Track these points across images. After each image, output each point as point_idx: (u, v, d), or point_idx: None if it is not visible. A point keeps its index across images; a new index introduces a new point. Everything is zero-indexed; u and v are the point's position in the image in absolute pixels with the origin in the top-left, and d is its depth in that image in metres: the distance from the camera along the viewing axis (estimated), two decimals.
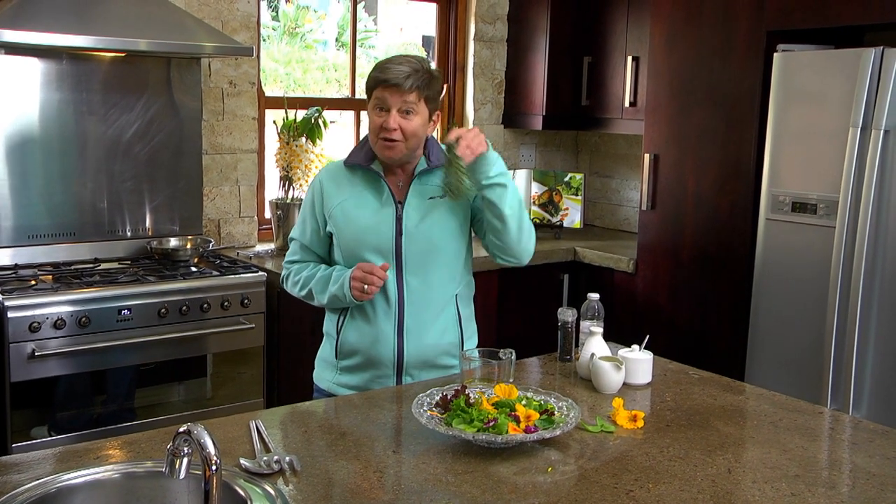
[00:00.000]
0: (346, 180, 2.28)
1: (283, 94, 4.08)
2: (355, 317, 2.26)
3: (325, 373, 2.35)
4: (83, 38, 2.98)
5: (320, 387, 2.35)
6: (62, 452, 1.71)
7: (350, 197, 2.25)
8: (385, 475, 1.64)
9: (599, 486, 1.61)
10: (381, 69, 2.19)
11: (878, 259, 2.94)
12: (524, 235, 2.24)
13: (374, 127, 2.20)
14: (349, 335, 2.26)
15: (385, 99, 2.16)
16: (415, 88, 2.15)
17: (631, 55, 4.09)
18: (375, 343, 2.24)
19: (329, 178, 2.31)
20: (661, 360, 2.36)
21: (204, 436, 1.29)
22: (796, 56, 3.17)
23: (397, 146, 2.18)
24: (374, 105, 2.20)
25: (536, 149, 4.84)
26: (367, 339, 2.24)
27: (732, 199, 3.45)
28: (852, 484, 1.67)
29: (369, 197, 2.25)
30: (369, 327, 2.24)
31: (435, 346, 2.26)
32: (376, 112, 2.19)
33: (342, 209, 2.25)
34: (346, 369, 2.29)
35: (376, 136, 2.19)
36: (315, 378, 2.39)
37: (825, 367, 3.06)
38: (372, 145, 2.23)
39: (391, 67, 2.17)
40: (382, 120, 2.17)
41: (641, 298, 3.83)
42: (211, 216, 3.79)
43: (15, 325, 2.79)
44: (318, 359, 2.40)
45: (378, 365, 2.25)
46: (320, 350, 2.40)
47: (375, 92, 2.19)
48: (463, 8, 4.53)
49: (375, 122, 2.19)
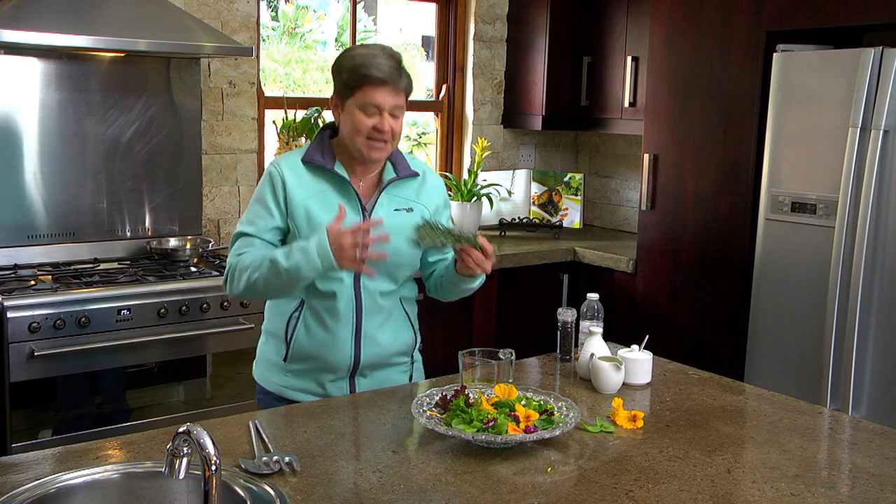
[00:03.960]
0: (308, 178, 2.14)
1: (282, 94, 4.08)
2: (309, 323, 2.16)
3: (270, 374, 2.23)
4: (83, 38, 2.98)
5: (266, 388, 2.24)
6: (61, 453, 1.71)
7: (313, 196, 2.13)
8: (385, 475, 1.64)
9: (599, 487, 1.61)
10: (369, 65, 2.06)
11: (877, 259, 2.94)
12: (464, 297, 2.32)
13: (362, 127, 2.07)
14: (302, 341, 2.16)
15: (377, 100, 2.06)
16: (405, 88, 2.11)
17: (630, 55, 4.09)
18: (332, 349, 2.16)
19: (290, 172, 2.14)
20: (660, 360, 2.36)
21: (203, 436, 1.29)
22: (796, 56, 3.17)
23: (386, 147, 2.12)
24: (360, 104, 2.07)
25: (536, 149, 4.84)
26: (322, 346, 2.16)
27: (732, 199, 3.45)
28: (852, 484, 1.67)
29: (334, 200, 2.13)
30: (326, 334, 2.15)
31: (389, 349, 2.23)
32: (364, 111, 2.07)
33: (305, 208, 2.11)
34: (295, 372, 2.20)
35: (363, 136, 2.09)
36: (258, 378, 2.27)
37: (825, 367, 3.06)
38: (353, 144, 2.11)
39: (381, 64, 2.06)
40: (374, 121, 2.07)
41: (641, 298, 3.83)
42: (210, 216, 3.79)
43: (14, 326, 2.79)
44: (262, 358, 2.28)
45: (333, 369, 2.18)
46: (262, 348, 2.28)
47: (365, 91, 2.06)
48: (462, 8, 4.53)
49: (365, 123, 2.07)
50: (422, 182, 2.26)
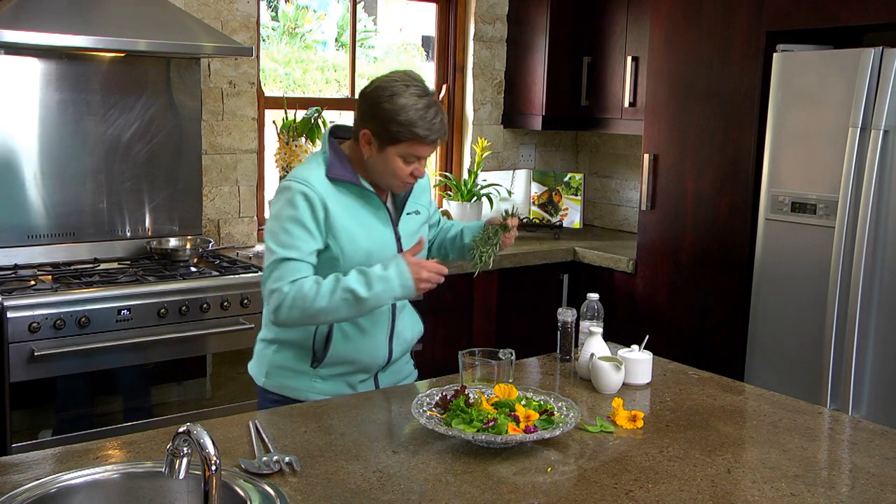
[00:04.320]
0: (338, 195, 2.14)
1: (282, 95, 4.08)
2: (345, 328, 2.17)
3: (294, 382, 2.22)
4: (83, 38, 2.98)
5: (289, 396, 2.20)
6: (62, 453, 1.71)
7: (347, 214, 2.14)
8: (385, 475, 1.64)
9: (599, 487, 1.61)
10: (423, 126, 2.07)
11: (877, 259, 2.94)
12: None
13: (401, 174, 2.11)
14: (339, 347, 2.18)
15: (422, 153, 2.11)
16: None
17: (630, 55, 4.09)
18: (369, 351, 2.21)
19: (326, 192, 2.12)
20: (660, 361, 2.36)
21: (203, 436, 1.29)
22: (796, 56, 3.17)
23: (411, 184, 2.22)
24: (404, 154, 2.09)
25: (536, 149, 4.84)
26: (359, 349, 2.20)
27: (732, 199, 3.45)
28: (852, 484, 1.67)
29: (367, 216, 2.17)
30: (364, 338, 2.20)
31: (410, 343, 2.35)
32: (405, 160, 2.10)
33: (346, 228, 2.13)
34: (326, 377, 2.21)
35: (398, 179, 2.13)
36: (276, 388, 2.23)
37: (825, 367, 3.06)
38: (382, 181, 2.16)
39: (432, 124, 2.08)
40: (412, 168, 2.12)
41: (641, 298, 3.83)
42: (210, 216, 3.79)
43: (14, 326, 2.79)
44: (277, 367, 2.24)
45: (367, 369, 2.24)
46: (274, 357, 2.24)
47: (412, 145, 2.08)
48: (462, 8, 4.53)
49: (404, 170, 2.11)
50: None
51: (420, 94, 2.08)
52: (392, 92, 2.08)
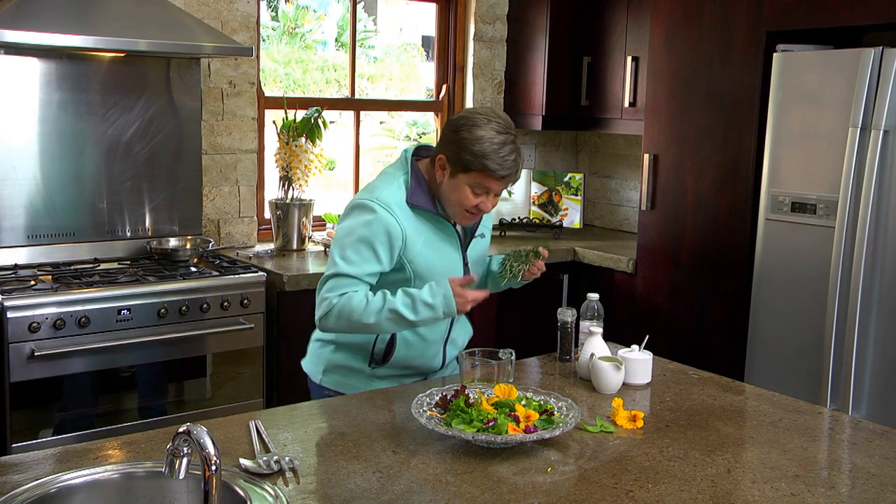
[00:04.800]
0: (417, 222, 2.21)
1: (282, 95, 4.08)
2: (408, 338, 2.26)
3: (352, 380, 2.29)
4: (83, 38, 2.98)
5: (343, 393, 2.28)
6: (62, 453, 1.71)
7: (423, 240, 2.21)
8: (385, 475, 1.64)
9: (599, 487, 1.61)
10: (496, 160, 2.11)
11: (877, 259, 2.94)
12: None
13: (467, 204, 2.17)
14: (401, 353, 2.26)
15: (491, 186, 2.16)
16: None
17: (630, 55, 4.09)
18: (426, 356, 2.31)
19: (405, 220, 2.18)
20: (660, 361, 2.36)
21: (203, 436, 1.29)
22: (796, 56, 3.17)
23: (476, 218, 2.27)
24: (473, 184, 2.15)
25: (536, 149, 4.84)
26: (418, 354, 2.29)
27: (732, 199, 3.45)
28: (852, 484, 1.67)
29: (440, 241, 2.25)
30: (424, 344, 2.29)
31: (463, 346, 2.42)
32: (473, 191, 2.16)
33: (422, 255, 2.21)
34: (384, 377, 2.30)
35: (462, 207, 2.18)
36: (334, 385, 2.31)
37: (825, 367, 3.06)
38: (449, 208, 2.21)
39: (505, 160, 2.12)
40: (479, 201, 2.17)
41: (641, 298, 3.83)
42: (210, 216, 3.79)
43: (14, 326, 2.79)
44: (335, 366, 2.31)
45: (422, 372, 2.34)
46: (332, 357, 2.32)
47: (483, 176, 2.13)
48: (462, 8, 4.53)
49: (471, 200, 2.16)
50: None
51: (499, 131, 2.14)
52: (473, 123, 2.14)
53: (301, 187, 3.79)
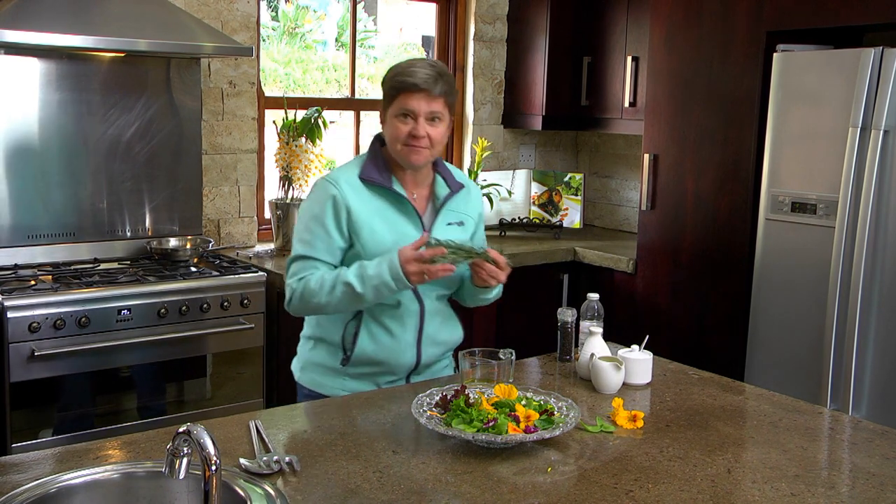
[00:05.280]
0: (368, 196, 2.18)
1: (282, 95, 4.08)
2: (372, 329, 2.20)
3: (325, 379, 2.26)
4: (83, 38, 2.98)
5: (321, 393, 2.25)
6: (62, 453, 1.71)
7: (376, 215, 2.17)
8: (385, 475, 1.64)
9: (599, 487, 1.61)
10: (405, 73, 2.12)
11: (877, 259, 2.94)
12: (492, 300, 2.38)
13: (399, 134, 2.13)
14: (366, 347, 2.20)
15: (411, 106, 2.11)
16: (442, 94, 2.14)
17: (630, 55, 4.09)
18: (396, 353, 2.22)
19: (351, 192, 2.16)
20: (660, 360, 2.36)
21: (203, 436, 1.29)
22: (796, 56, 3.17)
23: (424, 153, 2.16)
24: (397, 112, 2.13)
25: (536, 149, 4.84)
26: (387, 350, 2.21)
27: (732, 199, 3.45)
28: (852, 484, 1.67)
29: (396, 218, 2.20)
30: (391, 339, 2.21)
31: (445, 347, 2.33)
32: (400, 119, 2.13)
33: (370, 229, 2.16)
34: (354, 376, 2.24)
35: (401, 143, 2.14)
36: (307, 383, 2.30)
37: (825, 368, 3.06)
38: (394, 152, 2.17)
39: (417, 71, 2.11)
40: (410, 127, 2.12)
41: (641, 298, 3.83)
42: (210, 216, 3.79)
43: (15, 326, 2.79)
44: (311, 363, 2.30)
45: (395, 371, 2.25)
46: (310, 354, 2.31)
47: (400, 98, 2.12)
48: (463, 8, 4.53)
49: (401, 130, 2.12)
50: (467, 193, 2.34)
51: (418, 59, 2.18)
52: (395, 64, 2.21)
53: (301, 187, 3.79)
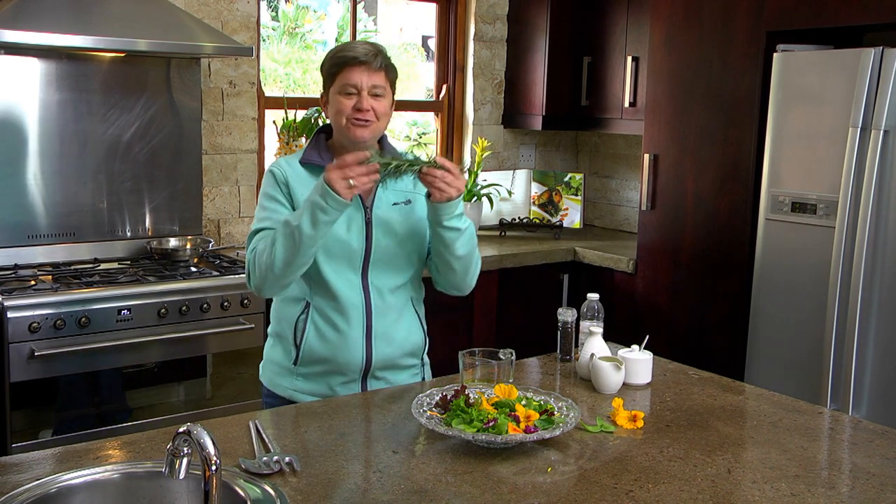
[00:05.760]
0: (308, 178, 2.15)
1: (282, 95, 4.08)
2: (318, 324, 2.15)
3: (280, 379, 2.22)
4: (83, 38, 2.98)
5: (275, 392, 2.23)
6: (62, 453, 1.71)
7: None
8: (385, 475, 1.64)
9: (599, 487, 1.61)
10: (344, 50, 2.14)
11: (878, 259, 2.94)
12: (469, 274, 2.23)
13: (343, 108, 2.11)
14: (313, 343, 2.15)
15: (354, 80, 2.09)
16: (383, 67, 2.13)
17: (630, 55, 4.09)
18: (343, 350, 2.15)
19: (291, 172, 2.17)
20: (660, 361, 2.36)
21: (203, 436, 1.29)
22: (796, 56, 3.17)
23: (371, 125, 2.12)
24: (339, 88, 2.12)
25: (536, 149, 4.84)
26: (333, 347, 2.15)
27: (732, 199, 3.45)
28: (852, 484, 1.67)
29: None
30: (336, 334, 2.14)
31: (401, 349, 2.23)
32: (344, 95, 2.11)
33: None
34: (305, 376, 2.19)
35: (346, 118, 2.11)
36: (266, 383, 2.26)
37: (825, 368, 3.06)
38: (340, 128, 2.15)
39: (356, 46, 2.14)
40: (353, 101, 2.10)
41: (641, 298, 3.83)
42: (211, 216, 3.79)
43: (15, 326, 2.79)
44: (269, 361, 2.26)
45: (344, 371, 2.17)
46: (269, 351, 2.27)
47: (342, 74, 2.11)
48: (463, 8, 4.53)
49: (345, 104, 2.10)
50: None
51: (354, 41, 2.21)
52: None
53: None
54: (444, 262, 2.18)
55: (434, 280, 2.29)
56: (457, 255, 2.15)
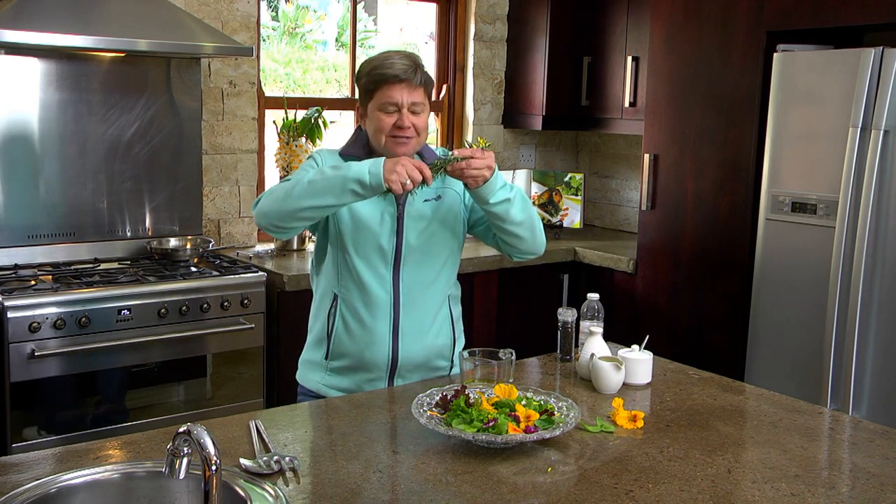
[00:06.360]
0: None
1: (282, 95, 4.08)
2: (347, 319, 2.18)
3: (311, 373, 2.26)
4: (83, 38, 2.98)
5: (306, 387, 2.26)
6: (62, 453, 1.71)
7: None
8: (385, 475, 1.64)
9: (599, 487, 1.61)
10: (383, 66, 2.10)
11: (878, 259, 2.94)
12: (537, 233, 2.20)
13: (383, 126, 2.11)
14: (342, 336, 2.18)
15: (394, 97, 2.09)
16: (422, 84, 2.12)
17: (631, 55, 4.09)
18: (370, 345, 2.17)
19: (332, 161, 2.18)
20: (660, 360, 2.36)
21: (204, 436, 1.29)
22: (796, 56, 3.17)
23: (411, 142, 2.13)
24: (379, 105, 2.11)
25: (536, 149, 4.84)
26: (360, 342, 2.17)
27: (732, 199, 3.45)
28: (852, 484, 1.67)
29: None
30: (363, 330, 2.17)
31: (430, 348, 2.23)
32: (384, 112, 2.11)
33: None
34: (335, 370, 2.22)
35: (386, 135, 2.11)
36: (299, 378, 2.30)
37: (825, 368, 3.06)
38: (379, 145, 2.14)
39: (395, 63, 2.10)
40: (394, 119, 2.10)
41: (641, 298, 3.83)
42: (211, 216, 3.79)
43: (15, 326, 2.79)
44: (303, 360, 2.31)
45: (371, 368, 2.19)
46: (305, 351, 2.31)
47: (381, 91, 2.10)
48: (463, 8, 4.53)
49: (385, 122, 2.10)
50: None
51: (391, 51, 2.17)
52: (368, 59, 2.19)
53: None
54: (507, 233, 2.16)
55: (507, 254, 2.25)
56: (516, 221, 2.13)
